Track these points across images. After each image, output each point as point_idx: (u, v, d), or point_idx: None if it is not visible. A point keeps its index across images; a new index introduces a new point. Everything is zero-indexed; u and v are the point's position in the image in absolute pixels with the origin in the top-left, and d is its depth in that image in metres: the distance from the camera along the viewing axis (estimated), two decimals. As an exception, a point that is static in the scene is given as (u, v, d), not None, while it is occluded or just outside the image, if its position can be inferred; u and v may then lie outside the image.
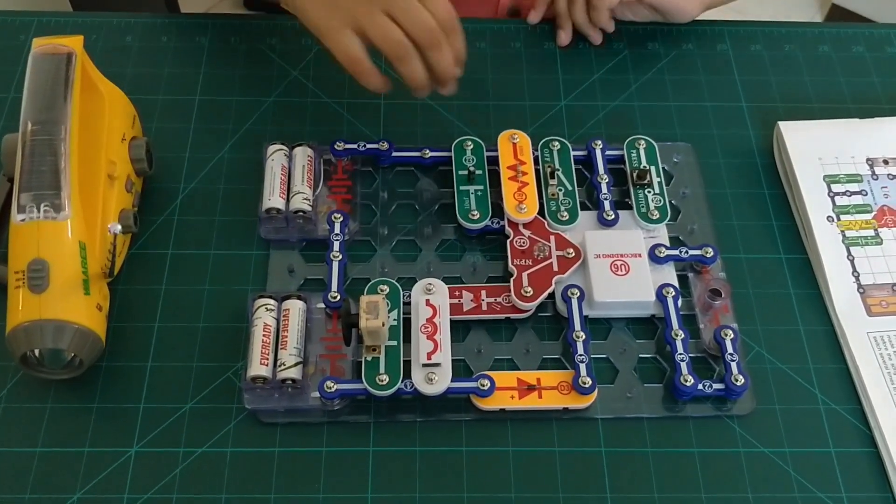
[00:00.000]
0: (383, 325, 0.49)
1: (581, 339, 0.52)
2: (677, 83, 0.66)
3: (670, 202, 0.58)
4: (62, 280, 0.47)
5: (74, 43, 0.52)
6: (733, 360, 0.51)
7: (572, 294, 0.53)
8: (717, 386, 0.51)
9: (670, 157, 0.61)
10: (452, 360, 0.51)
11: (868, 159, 0.61)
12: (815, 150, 0.60)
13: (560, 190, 0.58)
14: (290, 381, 0.49)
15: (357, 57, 0.50)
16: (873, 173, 0.60)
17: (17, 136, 0.49)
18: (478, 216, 0.57)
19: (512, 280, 0.54)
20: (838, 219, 0.58)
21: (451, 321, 0.52)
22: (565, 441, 0.50)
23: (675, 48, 0.68)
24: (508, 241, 0.56)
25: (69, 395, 0.51)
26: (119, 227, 0.46)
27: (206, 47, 0.67)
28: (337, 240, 0.55)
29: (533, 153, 0.59)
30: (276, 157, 0.58)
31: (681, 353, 0.51)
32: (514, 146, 0.59)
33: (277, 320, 0.51)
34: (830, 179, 0.59)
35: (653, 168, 0.59)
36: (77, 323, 0.47)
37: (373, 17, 0.49)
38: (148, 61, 0.66)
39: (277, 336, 0.51)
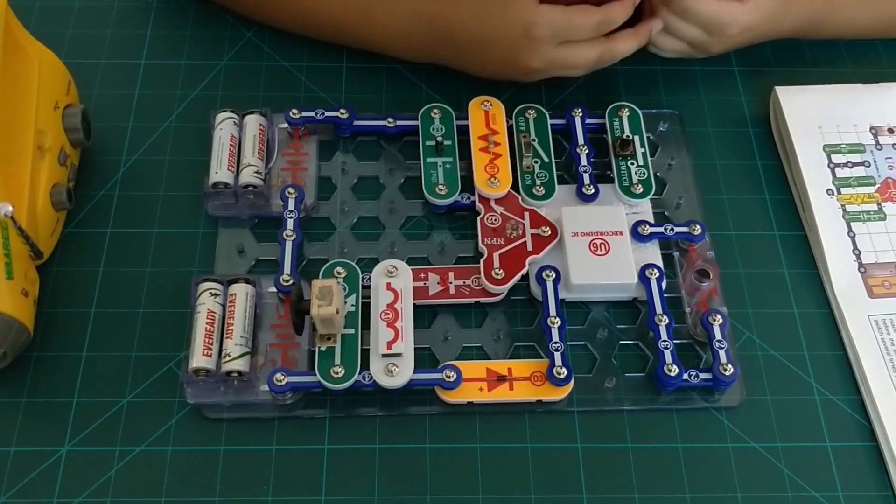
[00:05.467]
0: (337, 312, 0.45)
1: (556, 326, 0.48)
2: (664, 45, 0.62)
3: (655, 174, 0.55)
4: (-21, 263, 0.44)
5: (-4, 0, 0.48)
6: (721, 348, 0.48)
7: (547, 276, 0.50)
8: (703, 375, 0.48)
9: (656, 126, 0.58)
10: (417, 349, 0.48)
11: (872, 128, 0.58)
12: (815, 117, 0.57)
13: (535, 162, 0.54)
14: (235, 374, 0.46)
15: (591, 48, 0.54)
16: (877, 143, 0.57)
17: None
18: (446, 191, 0.53)
19: (482, 261, 0.51)
20: (839, 192, 0.55)
21: (417, 306, 0.50)
22: (538, 436, 0.47)
23: (664, 7, 0.64)
24: (479, 219, 0.53)
25: (-7, 390, 0.48)
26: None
27: (154, 6, 0.63)
28: (291, 217, 0.51)
29: (507, 122, 0.56)
30: (224, 126, 0.53)
31: (665, 340, 0.48)
32: (486, 114, 0.56)
33: (223, 306, 0.48)
34: (831, 149, 0.57)
35: (636, 137, 0.56)
36: (-2, 310, 0.44)
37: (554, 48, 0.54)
38: (90, 21, 0.62)
39: (223, 324, 0.47)
